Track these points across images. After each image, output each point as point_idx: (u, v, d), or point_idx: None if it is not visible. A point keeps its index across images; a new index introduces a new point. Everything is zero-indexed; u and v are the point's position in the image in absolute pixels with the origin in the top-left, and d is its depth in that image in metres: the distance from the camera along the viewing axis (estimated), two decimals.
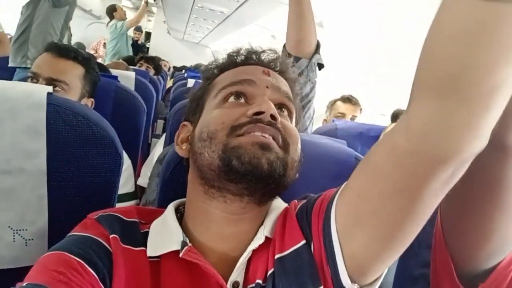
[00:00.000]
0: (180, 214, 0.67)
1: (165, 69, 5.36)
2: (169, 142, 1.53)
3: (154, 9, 8.32)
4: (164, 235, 0.61)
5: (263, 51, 0.70)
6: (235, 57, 0.70)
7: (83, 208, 0.80)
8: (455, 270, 0.62)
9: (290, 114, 0.67)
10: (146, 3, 5.36)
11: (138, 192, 1.58)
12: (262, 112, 0.58)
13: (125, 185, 1.37)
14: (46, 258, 0.53)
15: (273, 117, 0.59)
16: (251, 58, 0.69)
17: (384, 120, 2.28)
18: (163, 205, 0.76)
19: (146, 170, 1.67)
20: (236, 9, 3.18)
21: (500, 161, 0.50)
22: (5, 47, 1.98)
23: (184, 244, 0.58)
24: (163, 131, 2.72)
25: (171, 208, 0.66)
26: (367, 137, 1.64)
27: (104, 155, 0.80)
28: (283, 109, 0.66)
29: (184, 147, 0.67)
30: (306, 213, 0.61)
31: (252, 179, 0.55)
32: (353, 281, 0.55)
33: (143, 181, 1.63)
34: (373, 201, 0.51)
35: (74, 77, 1.25)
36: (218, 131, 0.58)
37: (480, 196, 0.55)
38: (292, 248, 0.58)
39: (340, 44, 2.55)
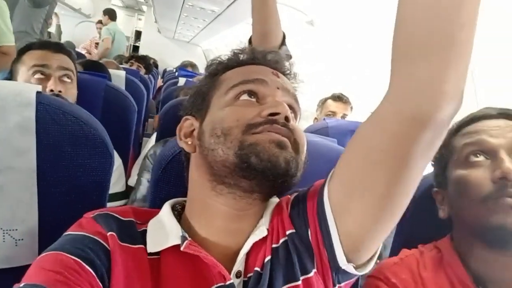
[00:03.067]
0: (177, 212, 0.67)
1: None
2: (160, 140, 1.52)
3: (144, 7, 8.27)
4: (163, 232, 0.61)
5: (269, 52, 0.70)
6: (241, 55, 0.70)
7: (74, 208, 0.80)
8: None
9: (295, 116, 0.68)
10: None
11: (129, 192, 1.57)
12: (277, 113, 0.59)
13: (116, 184, 1.36)
14: (43, 258, 0.52)
15: (287, 119, 0.60)
16: (257, 58, 0.69)
17: None
18: (155, 203, 0.76)
19: (137, 169, 1.66)
20: (227, 7, 3.17)
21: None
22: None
23: (184, 238, 0.58)
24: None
25: (167, 206, 0.66)
26: None
27: (94, 154, 0.80)
28: (291, 111, 0.66)
29: (189, 142, 0.67)
30: (301, 201, 0.63)
31: (270, 176, 0.56)
32: (349, 260, 0.57)
33: (134, 180, 1.62)
34: (362, 171, 0.54)
35: (73, 67, 1.29)
36: (233, 128, 0.58)
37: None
38: (282, 238, 0.61)
39: (331, 42, 2.56)
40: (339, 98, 2.21)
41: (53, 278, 0.48)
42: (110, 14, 5.43)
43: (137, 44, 8.87)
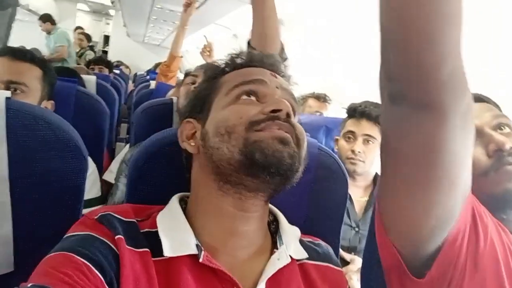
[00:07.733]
0: (182, 209, 0.66)
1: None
2: (134, 144, 1.51)
3: (112, 11, 8.15)
4: (176, 235, 0.60)
5: (265, 55, 0.73)
6: (238, 59, 0.72)
7: (49, 214, 0.79)
8: (402, 260, 0.64)
9: (294, 114, 0.69)
10: None
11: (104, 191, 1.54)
12: (279, 110, 0.61)
13: (92, 189, 1.35)
14: (51, 258, 0.51)
15: (288, 115, 0.62)
16: (255, 60, 0.72)
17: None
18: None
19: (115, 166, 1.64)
20: (196, 8, 3.17)
21: (432, 122, 0.51)
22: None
23: (199, 248, 0.58)
24: (127, 135, 2.68)
25: (176, 202, 0.66)
26: (330, 130, 1.68)
27: (68, 158, 0.79)
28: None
29: (192, 144, 0.67)
30: None
31: (275, 171, 0.57)
32: None
33: (111, 176, 1.61)
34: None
35: (33, 78, 1.20)
36: (237, 125, 0.59)
37: (413, 165, 0.56)
38: None
39: (300, 39, 2.59)
40: (318, 98, 2.27)
41: (60, 280, 0.47)
42: (49, 18, 5.00)
43: (106, 49, 8.73)
